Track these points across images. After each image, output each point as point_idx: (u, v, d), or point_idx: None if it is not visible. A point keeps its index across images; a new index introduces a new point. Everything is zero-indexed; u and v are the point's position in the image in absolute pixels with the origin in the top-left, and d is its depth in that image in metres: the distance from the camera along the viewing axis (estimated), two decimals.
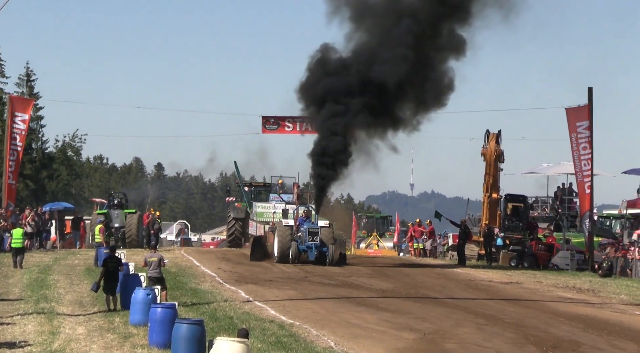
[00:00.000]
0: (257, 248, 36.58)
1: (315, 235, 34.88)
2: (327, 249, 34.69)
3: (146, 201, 70.72)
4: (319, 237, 34.88)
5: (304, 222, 35.58)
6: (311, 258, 34.70)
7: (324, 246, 34.87)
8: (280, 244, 34.85)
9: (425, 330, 19.04)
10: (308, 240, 34.87)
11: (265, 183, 48.44)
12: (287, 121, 53.20)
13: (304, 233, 35.01)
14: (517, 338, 18.52)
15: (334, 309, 22.21)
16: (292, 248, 34.67)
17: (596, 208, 48.22)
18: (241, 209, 45.04)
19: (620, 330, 20.54)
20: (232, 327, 17.97)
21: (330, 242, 34.98)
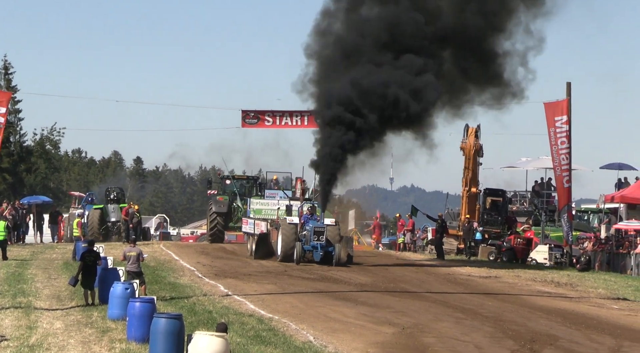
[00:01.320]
0: (262, 245, 35.08)
1: (321, 234, 32.83)
2: (334, 249, 32.70)
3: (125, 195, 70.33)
4: (324, 236, 32.83)
5: (309, 220, 33.67)
6: (316, 259, 32.79)
7: (329, 245, 32.87)
8: (284, 243, 33.14)
9: (404, 324, 19.07)
10: (313, 239, 32.88)
11: (248, 176, 47.30)
12: (266, 115, 53.13)
13: (309, 232, 33.00)
14: (495, 332, 18.59)
15: (313, 303, 22.22)
16: (297, 248, 32.79)
17: (574, 202, 48.40)
18: (223, 203, 43.66)
19: (597, 324, 20.65)
20: (211, 321, 17.94)
21: (337, 241, 32.97)
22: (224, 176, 47.24)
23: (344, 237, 34.47)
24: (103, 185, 64.68)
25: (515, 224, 46.70)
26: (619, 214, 42.95)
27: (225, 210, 43.55)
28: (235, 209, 44.23)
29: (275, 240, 33.98)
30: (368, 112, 33.18)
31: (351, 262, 33.46)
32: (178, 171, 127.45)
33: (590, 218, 50.29)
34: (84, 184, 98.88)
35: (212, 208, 43.70)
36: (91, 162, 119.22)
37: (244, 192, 45.14)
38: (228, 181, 46.18)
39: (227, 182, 46.04)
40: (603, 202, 45.25)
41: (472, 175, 46.23)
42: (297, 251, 32.70)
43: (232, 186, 45.51)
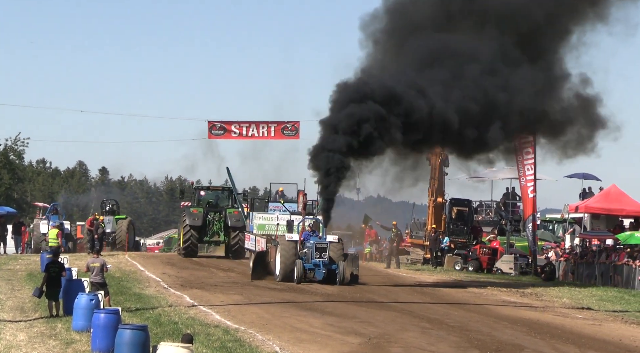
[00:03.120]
0: (260, 265, 32.21)
1: (324, 252, 30.36)
2: (337, 267, 30.27)
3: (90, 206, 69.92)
4: (327, 254, 30.40)
5: (310, 236, 31.17)
6: (318, 277, 30.29)
7: (333, 263, 30.47)
8: (283, 262, 30.64)
9: (370, 334, 19.09)
10: (315, 256, 30.35)
11: (223, 187, 44.96)
12: (233, 126, 53.08)
13: (311, 249, 30.49)
14: (461, 342, 18.65)
15: (279, 313, 22.18)
16: (297, 267, 30.22)
17: (539, 212, 48.80)
18: (198, 215, 40.92)
19: (562, 334, 20.79)
20: (177, 332, 17.84)
21: (340, 259, 30.61)
22: (198, 187, 45.22)
23: (349, 255, 32.22)
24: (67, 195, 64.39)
25: (480, 234, 46.99)
26: (583, 224, 43.34)
27: (200, 223, 41.03)
28: (210, 222, 41.82)
29: (274, 259, 31.56)
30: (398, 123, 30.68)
31: (356, 282, 30.95)
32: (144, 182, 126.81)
33: (555, 227, 50.69)
34: (48, 195, 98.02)
35: (185, 220, 41.14)
36: (56, 172, 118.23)
37: (218, 203, 42.81)
38: (202, 191, 43.93)
39: (202, 193, 43.67)
40: (567, 212, 45.64)
41: (438, 185, 46.48)
42: (298, 269, 30.22)
43: (207, 197, 43.20)
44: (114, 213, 48.65)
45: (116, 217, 48.08)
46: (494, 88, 32.10)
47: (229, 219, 40.99)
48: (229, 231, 41.18)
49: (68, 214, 63.80)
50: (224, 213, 41.51)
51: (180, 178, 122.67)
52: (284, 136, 52.82)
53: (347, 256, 31.19)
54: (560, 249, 41.86)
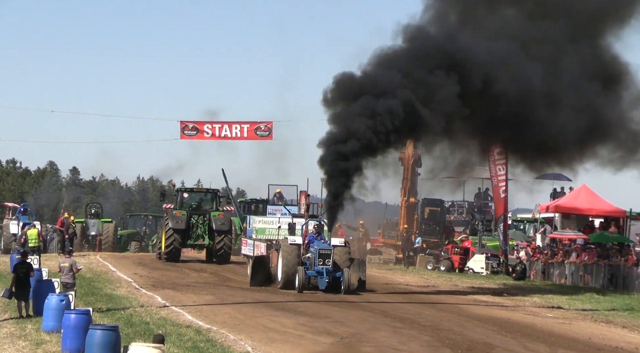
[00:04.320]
0: (259, 270, 30.07)
1: (327, 258, 27.91)
2: (342, 274, 27.86)
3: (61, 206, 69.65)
4: (331, 260, 27.95)
5: (314, 240, 28.87)
6: (321, 286, 27.98)
7: (337, 270, 28.08)
8: (285, 268, 28.43)
9: (342, 333, 19.11)
10: (318, 263, 27.95)
11: (207, 189, 42.95)
12: (205, 127, 52.96)
13: (314, 255, 28.16)
14: (432, 341, 18.72)
15: (251, 313, 22.15)
16: (299, 275, 27.87)
17: (511, 212, 49.06)
18: (181, 218, 39.03)
19: (532, 332, 20.92)
20: (148, 332, 17.77)
21: (346, 265, 28.27)
22: (180, 189, 42.79)
23: (356, 260, 29.72)
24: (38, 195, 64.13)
25: (452, 233, 47.21)
26: (554, 223, 43.61)
27: (183, 226, 39.06)
28: (193, 226, 39.93)
29: (276, 264, 29.32)
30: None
31: (364, 289, 28.81)
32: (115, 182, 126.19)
33: (526, 227, 50.98)
34: (18, 195, 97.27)
35: (168, 223, 39.12)
36: (26, 172, 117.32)
37: (202, 206, 40.99)
38: (186, 194, 41.78)
39: (185, 195, 41.52)
40: (538, 212, 45.91)
41: (410, 185, 46.65)
42: (300, 278, 27.80)
43: (190, 199, 41.34)
44: (98, 216, 49.53)
45: (101, 220, 48.89)
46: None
47: (213, 222, 39.26)
48: (214, 235, 39.45)
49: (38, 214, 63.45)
50: (208, 216, 39.83)
51: (152, 179, 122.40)
52: (257, 137, 52.77)
53: (353, 261, 28.95)
54: (531, 249, 42.11)
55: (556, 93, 30.56)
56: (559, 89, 30.67)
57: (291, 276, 28.19)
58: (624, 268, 34.72)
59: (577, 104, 30.60)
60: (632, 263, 34.31)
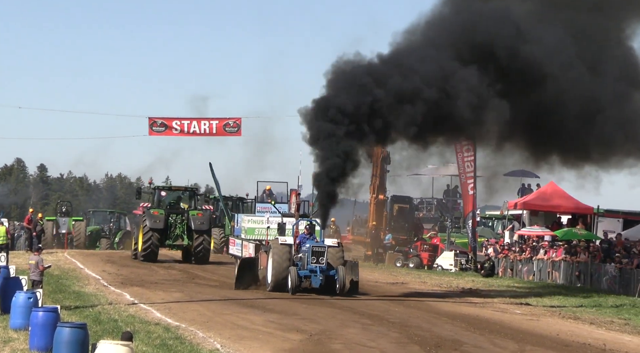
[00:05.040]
0: (245, 272, 28.26)
1: (321, 256, 26.60)
2: (336, 273, 26.64)
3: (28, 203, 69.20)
4: (325, 258, 26.65)
5: (306, 240, 27.52)
6: (315, 285, 26.67)
7: (331, 269, 26.82)
8: (276, 269, 26.77)
9: (311, 330, 19.12)
10: (311, 261, 26.63)
11: (186, 187, 41.64)
12: (174, 123, 52.79)
13: (306, 254, 26.83)
14: (401, 338, 18.78)
15: (220, 311, 22.12)
16: (291, 275, 26.40)
17: (479, 209, 49.33)
18: (159, 217, 37.68)
19: (501, 329, 21.05)
20: (117, 330, 17.68)
21: (340, 264, 26.94)
22: (157, 186, 40.94)
23: (349, 262, 28.14)
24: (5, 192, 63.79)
25: (421, 230, 47.39)
26: (522, 220, 43.90)
27: (161, 226, 37.75)
28: (171, 225, 38.62)
29: (265, 266, 27.64)
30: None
31: (357, 291, 27.32)
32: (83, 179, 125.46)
33: (495, 224, 51.28)
34: None
35: (146, 222, 37.72)
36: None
37: (180, 205, 39.77)
38: (163, 192, 40.32)
39: (163, 193, 40.17)
40: (507, 209, 46.19)
41: (379, 182, 46.76)
42: (292, 277, 26.39)
43: (168, 198, 40.00)
44: (68, 214, 51.00)
45: (72, 218, 50.16)
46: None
47: (192, 221, 38.12)
48: (192, 235, 38.14)
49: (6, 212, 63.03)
50: (186, 215, 38.66)
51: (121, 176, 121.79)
52: (225, 133, 52.71)
53: (346, 263, 27.50)
54: (499, 245, 42.39)
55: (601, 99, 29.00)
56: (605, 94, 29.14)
57: (282, 278, 26.67)
58: (591, 265, 35.02)
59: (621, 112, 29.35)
60: (600, 260, 34.62)
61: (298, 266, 26.79)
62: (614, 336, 21.44)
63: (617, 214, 41.56)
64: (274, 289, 26.69)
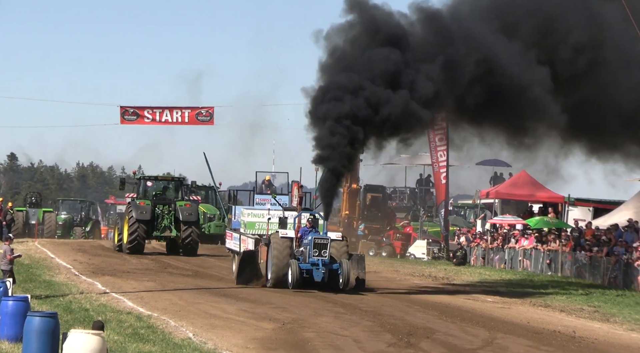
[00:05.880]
0: (246, 266, 27.15)
1: (324, 249, 25.09)
2: (340, 266, 25.12)
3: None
4: (328, 251, 25.13)
5: (308, 233, 25.84)
6: (317, 278, 25.02)
7: (334, 262, 25.30)
8: (276, 263, 25.48)
9: (284, 319, 19.12)
10: (313, 254, 25.09)
11: (173, 177, 40.20)
12: (146, 112, 52.54)
13: (308, 246, 25.27)
14: (373, 326, 18.82)
15: (193, 300, 22.06)
16: (292, 269, 25.00)
17: (452, 198, 49.54)
18: (145, 208, 36.49)
19: (472, 317, 21.15)
20: (88, 319, 17.59)
21: (344, 257, 25.42)
22: (143, 177, 39.55)
23: (354, 255, 26.86)
24: None
25: (394, 219, 47.51)
26: (494, 209, 44.14)
27: (148, 217, 36.47)
28: (158, 216, 37.34)
29: (265, 260, 26.38)
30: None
31: (363, 287, 25.82)
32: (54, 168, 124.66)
33: (467, 213, 51.53)
34: None
35: (132, 214, 36.42)
36: None
37: (166, 195, 38.40)
38: (149, 182, 38.83)
39: (149, 184, 38.72)
40: (479, 198, 46.42)
41: (352, 171, 46.75)
42: (293, 272, 24.98)
43: (153, 188, 38.50)
44: (38, 205, 51.11)
45: (43, 209, 50.30)
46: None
47: (179, 212, 36.87)
48: (180, 226, 37.03)
49: None
50: (173, 205, 37.42)
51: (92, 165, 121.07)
52: (198, 122, 52.59)
53: (351, 257, 26.09)
54: (471, 234, 42.58)
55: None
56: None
57: (282, 274, 25.35)
58: (562, 253, 35.26)
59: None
60: (570, 248, 34.86)
61: (299, 260, 25.34)
62: (584, 323, 21.63)
63: (587, 203, 41.87)
64: (274, 284, 25.43)
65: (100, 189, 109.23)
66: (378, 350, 16.07)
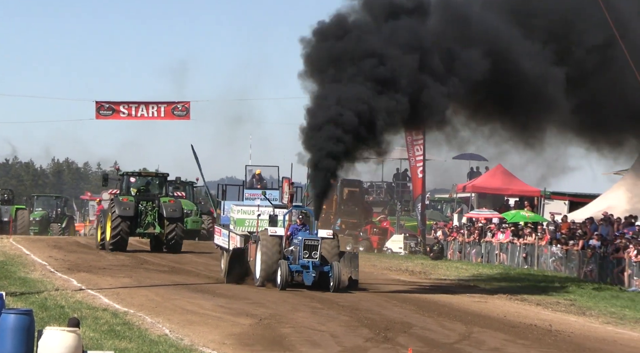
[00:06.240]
0: (236, 264, 26.13)
1: (314, 250, 24.34)
2: (331, 269, 24.31)
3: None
4: (318, 252, 24.41)
5: (299, 231, 25.25)
6: (307, 282, 24.28)
7: (325, 264, 24.58)
8: (265, 262, 24.73)
9: (261, 315, 19.09)
10: (304, 255, 24.36)
11: (157, 173, 39.03)
12: (122, 107, 52.30)
13: (298, 247, 24.57)
14: (351, 321, 18.83)
15: (169, 296, 21.97)
16: (281, 269, 24.15)
17: (429, 192, 49.66)
18: (129, 204, 35.69)
19: (449, 311, 21.21)
20: (63, 316, 17.47)
21: (335, 259, 24.65)
22: (126, 172, 38.60)
23: (347, 253, 26.13)
24: None
25: (371, 214, 47.55)
26: (470, 203, 44.29)
27: (131, 213, 35.65)
28: (142, 212, 36.39)
29: (254, 258, 25.57)
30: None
31: (356, 287, 25.01)
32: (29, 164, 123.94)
33: (444, 207, 51.67)
34: None
35: (115, 210, 35.62)
36: None
37: (150, 191, 37.52)
38: (132, 178, 37.91)
39: (132, 179, 37.78)
40: (455, 192, 46.57)
41: None
42: (282, 272, 24.11)
43: (137, 184, 37.59)
44: (10, 203, 50.17)
45: (15, 206, 49.77)
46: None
47: (163, 209, 36.05)
48: (164, 223, 36.11)
49: None
50: (157, 202, 36.51)
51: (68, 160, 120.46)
52: (174, 117, 52.39)
53: (343, 255, 25.38)
54: (448, 228, 42.70)
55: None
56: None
57: (271, 273, 24.57)
58: (538, 247, 35.43)
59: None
60: (547, 242, 35.03)
61: (289, 260, 24.61)
62: (560, 317, 21.74)
63: (563, 196, 42.11)
64: (263, 284, 24.81)
65: (76, 185, 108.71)
66: (355, 345, 16.07)
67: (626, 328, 20.34)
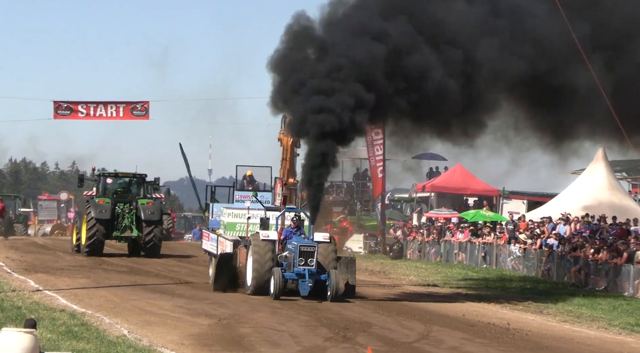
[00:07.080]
0: (224, 271, 24.51)
1: (310, 257, 22.61)
2: (328, 277, 22.57)
3: None
4: (315, 259, 22.65)
5: (293, 235, 23.57)
6: (303, 292, 22.56)
7: (322, 272, 22.79)
8: (256, 270, 22.98)
9: (221, 315, 19.04)
10: (299, 263, 22.59)
11: (135, 174, 37.14)
12: (80, 107, 51.89)
13: (293, 253, 22.82)
14: (310, 321, 18.84)
15: (128, 297, 21.84)
16: (275, 278, 22.39)
17: (389, 192, 49.82)
18: (105, 207, 34.51)
19: (408, 311, 21.30)
20: (20, 317, 17.29)
21: (332, 266, 22.92)
22: (103, 173, 37.28)
23: (343, 258, 24.11)
24: None
25: (331, 214, 47.58)
26: (430, 202, 44.49)
27: (108, 216, 34.47)
28: (119, 215, 35.10)
29: (244, 264, 23.95)
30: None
31: (353, 294, 23.30)
32: None
33: (403, 207, 51.85)
34: None
35: (90, 213, 34.34)
36: None
37: (128, 193, 36.24)
38: (109, 179, 36.57)
39: (109, 181, 36.45)
40: (415, 191, 46.75)
41: (289, 166, 46.67)
42: (276, 281, 22.37)
43: (114, 186, 36.37)
44: None
45: None
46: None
47: (141, 211, 34.85)
48: (142, 226, 34.99)
49: None
50: (134, 204, 35.26)
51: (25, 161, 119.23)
52: (133, 117, 52.08)
53: (340, 260, 23.59)
54: (407, 228, 42.88)
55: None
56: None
57: (264, 281, 22.81)
58: (497, 246, 35.69)
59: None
60: (505, 241, 35.30)
61: (283, 267, 22.83)
62: (518, 315, 21.92)
63: (522, 196, 42.47)
64: (255, 292, 23.02)
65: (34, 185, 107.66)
66: (314, 344, 16.09)
67: (583, 327, 20.56)
